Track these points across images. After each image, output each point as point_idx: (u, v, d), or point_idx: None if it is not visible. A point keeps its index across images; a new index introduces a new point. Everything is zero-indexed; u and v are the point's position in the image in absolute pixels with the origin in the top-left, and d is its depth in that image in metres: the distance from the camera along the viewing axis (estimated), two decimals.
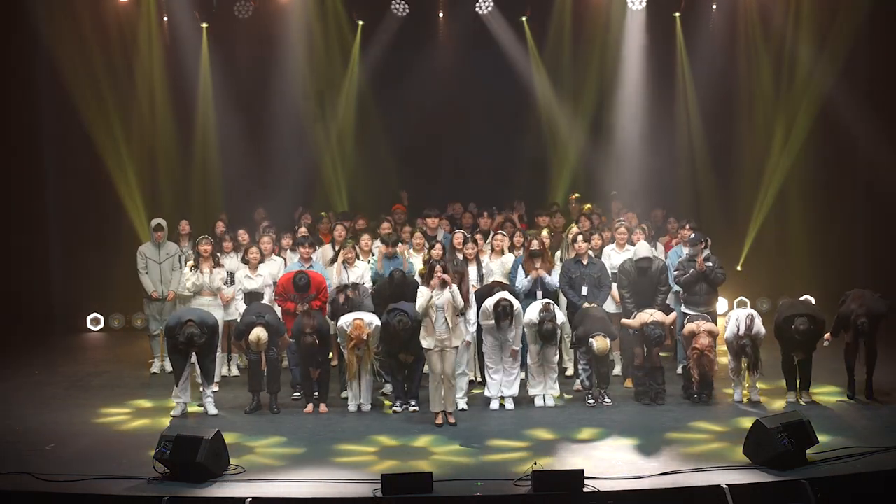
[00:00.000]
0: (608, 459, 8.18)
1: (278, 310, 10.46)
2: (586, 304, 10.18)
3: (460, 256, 10.49)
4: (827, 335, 10.04)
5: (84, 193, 14.74)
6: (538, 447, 8.58)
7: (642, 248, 10.58)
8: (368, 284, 10.41)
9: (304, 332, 9.70)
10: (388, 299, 10.03)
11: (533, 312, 9.80)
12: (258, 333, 9.63)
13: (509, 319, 9.66)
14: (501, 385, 9.95)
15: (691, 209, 13.77)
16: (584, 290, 10.31)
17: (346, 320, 9.66)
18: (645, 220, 12.50)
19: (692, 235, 10.65)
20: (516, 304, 9.81)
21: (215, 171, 15.34)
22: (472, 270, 10.50)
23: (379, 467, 8.07)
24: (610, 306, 10.70)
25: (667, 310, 10.36)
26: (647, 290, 10.41)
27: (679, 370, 10.88)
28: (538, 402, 10.00)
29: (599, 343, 9.62)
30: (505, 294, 9.78)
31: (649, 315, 9.95)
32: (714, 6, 15.43)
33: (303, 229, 11.87)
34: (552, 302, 10.01)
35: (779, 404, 9.82)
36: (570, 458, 8.24)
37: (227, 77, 15.19)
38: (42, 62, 14.34)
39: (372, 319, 9.67)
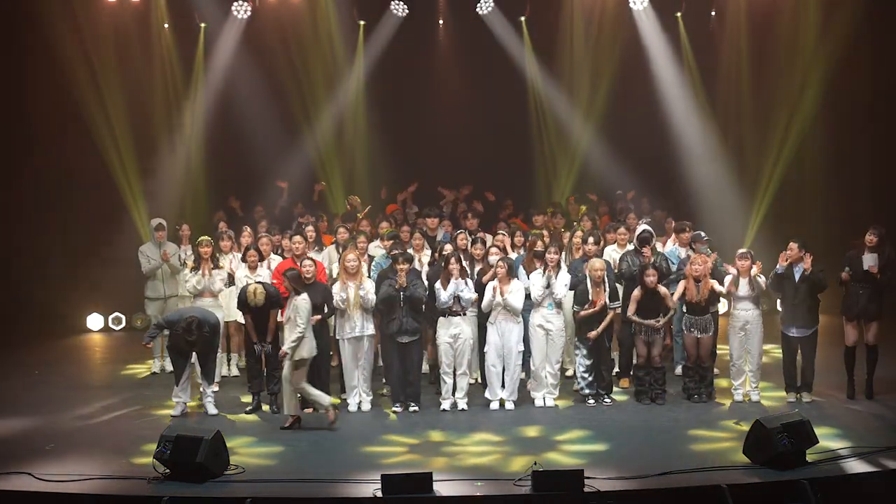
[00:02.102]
0: (608, 459, 8.19)
1: None
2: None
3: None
4: (844, 273, 9.97)
5: (85, 194, 14.74)
6: (532, 445, 8.60)
7: (641, 227, 10.76)
8: (370, 284, 10.32)
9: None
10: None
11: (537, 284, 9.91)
12: (255, 287, 9.70)
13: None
14: (503, 388, 9.97)
15: (694, 207, 13.74)
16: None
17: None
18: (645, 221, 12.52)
19: (704, 237, 10.69)
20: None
21: (215, 172, 15.38)
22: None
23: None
24: None
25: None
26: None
27: (678, 370, 10.88)
28: (538, 402, 10.01)
29: (595, 261, 9.88)
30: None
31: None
32: (713, 13, 15.48)
33: (309, 230, 11.82)
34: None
35: (779, 404, 9.82)
36: (569, 458, 8.26)
37: (226, 77, 15.22)
38: (46, 63, 14.34)
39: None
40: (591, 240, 10.49)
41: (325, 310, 9.88)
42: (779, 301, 10.13)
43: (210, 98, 15.28)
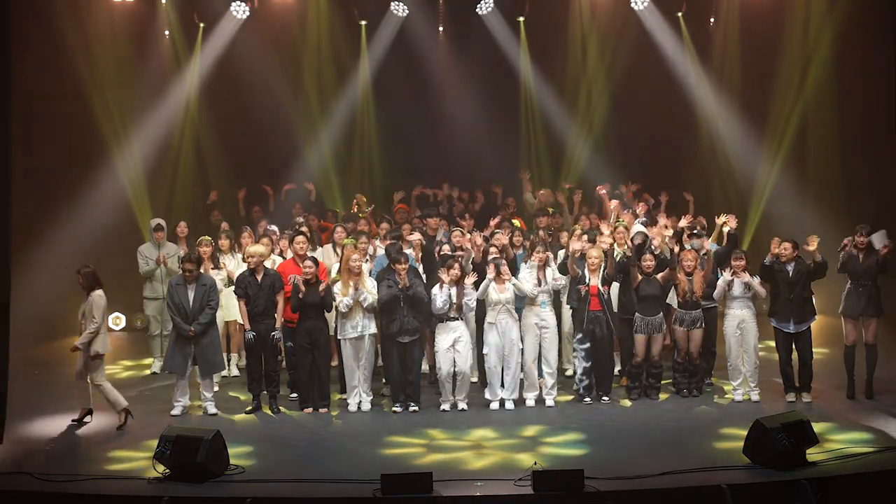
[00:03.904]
0: (608, 459, 8.19)
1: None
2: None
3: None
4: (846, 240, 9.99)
5: (85, 194, 14.71)
6: (532, 445, 8.60)
7: (636, 228, 10.77)
8: (371, 284, 10.32)
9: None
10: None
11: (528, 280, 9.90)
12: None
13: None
14: (503, 387, 9.96)
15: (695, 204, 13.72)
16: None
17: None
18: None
19: (695, 231, 10.72)
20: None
21: (215, 172, 15.40)
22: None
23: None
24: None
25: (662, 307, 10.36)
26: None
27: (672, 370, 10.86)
28: (529, 402, 9.99)
29: (591, 250, 10.02)
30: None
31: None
32: (712, 20, 15.50)
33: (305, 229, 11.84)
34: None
35: (779, 404, 9.81)
36: (570, 458, 8.26)
37: (225, 76, 15.23)
38: (52, 59, 14.33)
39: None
40: (585, 237, 10.55)
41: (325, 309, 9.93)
42: (770, 296, 10.10)
43: (209, 98, 15.28)
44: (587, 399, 10.00)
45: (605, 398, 10.06)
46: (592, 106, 15.74)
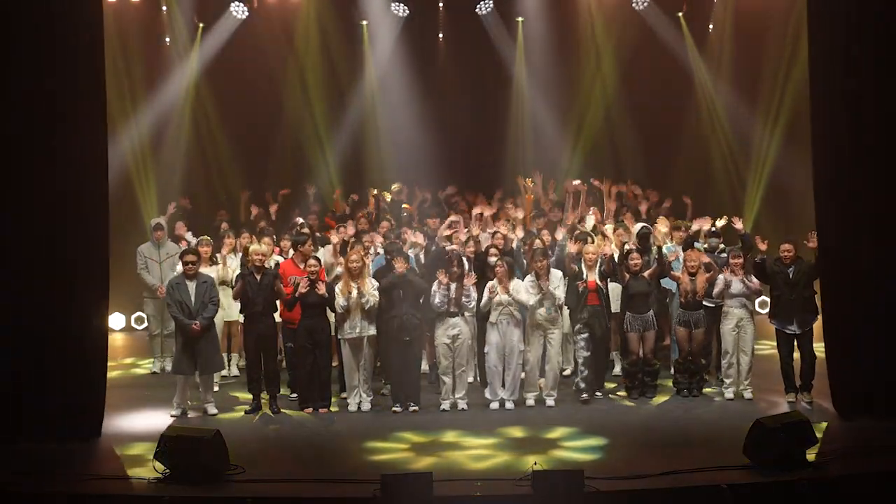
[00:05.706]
0: (608, 459, 8.19)
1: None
2: None
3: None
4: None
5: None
6: (532, 445, 8.60)
7: (637, 227, 10.93)
8: (372, 284, 10.33)
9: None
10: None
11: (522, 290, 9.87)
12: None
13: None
14: (503, 387, 9.96)
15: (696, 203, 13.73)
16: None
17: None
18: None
19: (714, 231, 10.92)
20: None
21: (215, 173, 15.41)
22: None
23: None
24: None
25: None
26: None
27: (672, 370, 10.87)
28: (529, 402, 9.98)
29: (588, 246, 10.11)
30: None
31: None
32: (711, 25, 15.51)
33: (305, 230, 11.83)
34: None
35: (779, 404, 9.81)
36: (570, 458, 8.27)
37: (226, 77, 15.24)
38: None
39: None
40: (588, 239, 10.56)
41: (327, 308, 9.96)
42: (770, 298, 10.10)
43: (207, 98, 15.29)
44: (584, 395, 9.99)
45: (597, 393, 10.12)
46: (591, 105, 15.75)
